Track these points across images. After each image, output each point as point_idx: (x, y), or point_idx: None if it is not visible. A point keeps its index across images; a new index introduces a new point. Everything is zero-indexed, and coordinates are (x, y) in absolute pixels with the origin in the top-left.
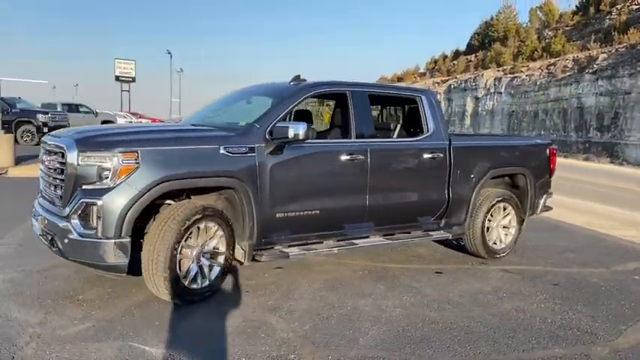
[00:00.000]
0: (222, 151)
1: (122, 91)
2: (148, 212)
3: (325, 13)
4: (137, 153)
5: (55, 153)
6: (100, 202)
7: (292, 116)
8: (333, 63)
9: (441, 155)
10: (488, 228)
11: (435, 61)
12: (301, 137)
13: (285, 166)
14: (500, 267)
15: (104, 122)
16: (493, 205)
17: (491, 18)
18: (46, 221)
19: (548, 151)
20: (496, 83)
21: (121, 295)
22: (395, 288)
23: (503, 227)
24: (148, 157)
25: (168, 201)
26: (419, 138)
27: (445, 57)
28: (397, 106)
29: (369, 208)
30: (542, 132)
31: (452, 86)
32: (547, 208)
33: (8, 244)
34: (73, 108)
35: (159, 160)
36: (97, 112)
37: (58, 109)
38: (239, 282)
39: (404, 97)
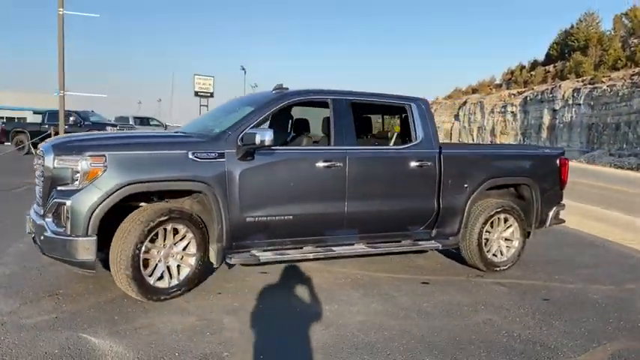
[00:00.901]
0: (190, 157)
1: (201, 105)
2: (126, 213)
3: (394, 28)
4: (105, 157)
5: (40, 157)
6: (68, 202)
7: (292, 124)
8: (408, 75)
9: (430, 163)
10: (487, 240)
11: (512, 72)
12: (267, 143)
13: (256, 171)
14: (496, 280)
15: None
16: (491, 216)
17: (572, 26)
18: (32, 221)
19: (558, 162)
20: (575, 94)
21: (98, 291)
22: (370, 296)
23: (505, 239)
24: (114, 161)
25: (142, 203)
26: (405, 146)
27: (522, 68)
28: (387, 115)
29: (348, 215)
30: (625, 145)
31: (528, 98)
32: (559, 221)
33: (25, 242)
34: (144, 121)
35: (125, 165)
36: (166, 125)
37: (130, 122)
38: (217, 284)
39: (393, 105)
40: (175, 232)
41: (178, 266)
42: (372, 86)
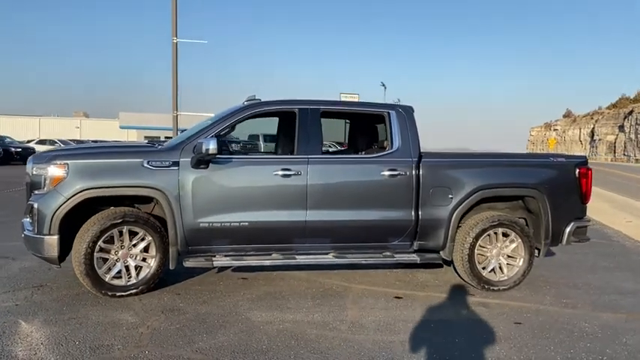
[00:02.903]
0: (145, 165)
1: (345, 122)
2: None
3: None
4: (67, 165)
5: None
6: (35, 205)
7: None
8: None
9: (406, 172)
10: (482, 256)
11: None
12: (211, 152)
13: (209, 179)
14: (484, 299)
15: None
16: (485, 230)
17: None
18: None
19: (576, 171)
20: None
21: (77, 286)
22: (320, 306)
23: (508, 257)
24: (75, 168)
25: (112, 207)
26: (378, 154)
27: None
28: (365, 123)
29: (310, 224)
30: None
31: None
32: (580, 239)
33: None
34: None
35: (84, 172)
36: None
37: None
38: (187, 286)
39: (370, 113)
40: (135, 234)
41: (137, 266)
42: (535, 93)
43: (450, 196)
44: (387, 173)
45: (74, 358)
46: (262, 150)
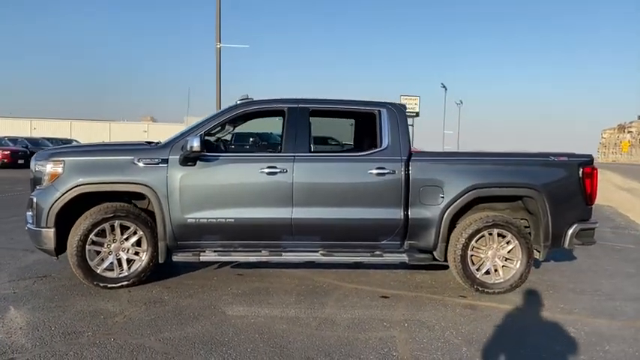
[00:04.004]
0: (136, 163)
1: (350, 123)
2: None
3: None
4: (63, 162)
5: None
6: (34, 199)
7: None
8: None
9: (394, 171)
10: (476, 257)
11: None
12: (195, 149)
13: (196, 176)
14: (471, 301)
15: None
16: (479, 231)
17: None
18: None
19: (579, 171)
20: None
21: (76, 277)
22: (300, 303)
23: (505, 259)
24: (70, 165)
25: (106, 203)
26: (366, 152)
27: None
28: (355, 121)
29: (296, 222)
30: None
31: None
32: (585, 242)
33: None
34: None
35: (78, 168)
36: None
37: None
38: (180, 280)
39: (361, 111)
40: (127, 229)
41: (129, 259)
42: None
43: (441, 195)
44: (375, 171)
45: (44, 342)
46: (259, 148)
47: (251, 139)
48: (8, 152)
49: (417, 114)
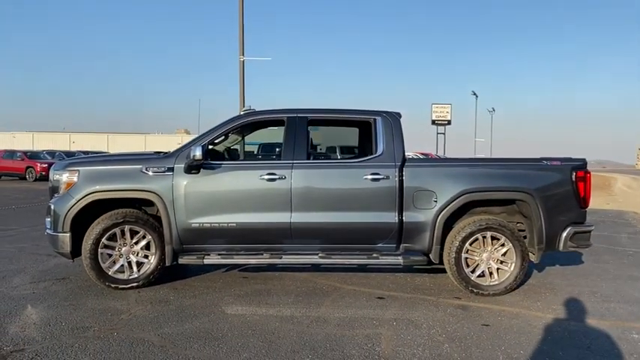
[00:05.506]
0: (144, 171)
1: (437, 134)
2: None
3: None
4: (78, 172)
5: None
6: (52, 206)
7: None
8: None
9: (387, 177)
10: (471, 260)
11: None
12: (197, 158)
13: (200, 183)
14: (464, 302)
15: None
16: (473, 234)
17: None
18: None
19: (573, 175)
20: None
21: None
22: (297, 303)
23: (500, 262)
24: (84, 174)
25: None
26: (361, 159)
27: None
28: (351, 129)
29: (294, 226)
30: None
31: None
32: (581, 245)
33: None
34: None
35: (91, 177)
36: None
37: None
38: (189, 282)
39: (356, 120)
40: (136, 233)
41: (138, 262)
42: None
43: (435, 199)
44: (369, 177)
45: (53, 336)
46: (261, 157)
47: (277, 149)
48: (46, 165)
49: (449, 122)
